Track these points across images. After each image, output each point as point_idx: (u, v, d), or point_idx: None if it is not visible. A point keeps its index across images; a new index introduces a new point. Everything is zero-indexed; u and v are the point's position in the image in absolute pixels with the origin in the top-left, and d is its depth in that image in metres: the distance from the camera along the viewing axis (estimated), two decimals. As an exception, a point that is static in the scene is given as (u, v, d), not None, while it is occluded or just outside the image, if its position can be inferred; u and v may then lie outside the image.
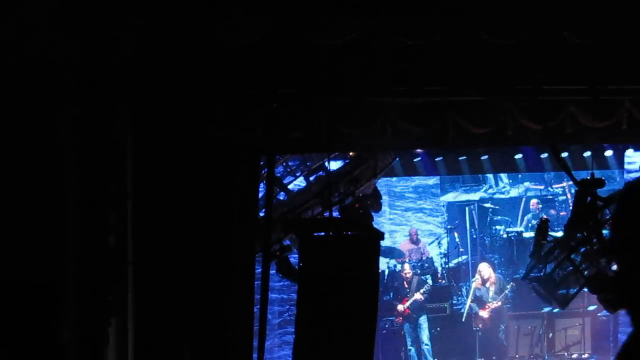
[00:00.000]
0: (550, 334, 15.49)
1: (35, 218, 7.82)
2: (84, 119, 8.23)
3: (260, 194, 10.46)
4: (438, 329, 15.69)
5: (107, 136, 8.38)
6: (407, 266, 15.76)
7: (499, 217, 17.05)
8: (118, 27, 8.30)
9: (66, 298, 8.03)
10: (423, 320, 15.54)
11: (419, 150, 14.24)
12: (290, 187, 12.48)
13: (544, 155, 14.53)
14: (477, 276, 15.77)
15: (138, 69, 8.61)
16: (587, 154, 14.27)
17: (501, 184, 17.31)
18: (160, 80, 8.79)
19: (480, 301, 15.60)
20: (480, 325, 15.59)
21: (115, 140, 8.48)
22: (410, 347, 15.52)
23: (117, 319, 8.54)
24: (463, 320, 15.80)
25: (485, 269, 15.65)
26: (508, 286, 15.58)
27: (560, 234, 11.47)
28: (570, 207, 13.95)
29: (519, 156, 14.84)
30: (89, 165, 8.26)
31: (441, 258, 16.61)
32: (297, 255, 10.21)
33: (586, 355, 15.65)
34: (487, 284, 15.61)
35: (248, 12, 8.67)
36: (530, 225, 16.48)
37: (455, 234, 17.04)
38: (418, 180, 17.24)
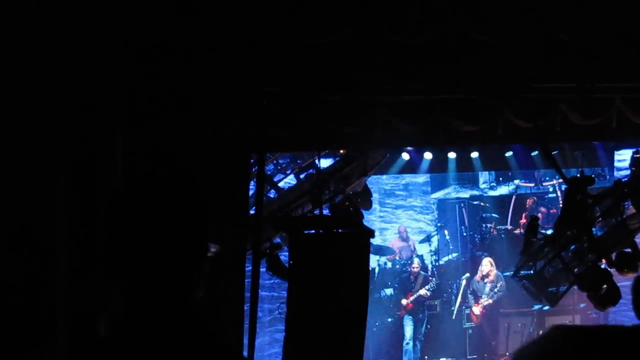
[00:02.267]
0: (541, 332, 15.50)
1: (24, 240, 7.75)
2: (75, 131, 8.18)
3: (251, 192, 10.45)
4: (429, 326, 15.74)
5: (95, 148, 8.30)
6: (416, 260, 15.85)
7: (489, 215, 17.08)
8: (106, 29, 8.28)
9: (56, 320, 7.96)
10: (424, 317, 15.63)
11: (409, 148, 14.26)
12: (280, 185, 12.48)
13: (534, 153, 14.58)
14: (478, 270, 15.80)
15: (128, 69, 8.58)
16: (577, 151, 14.33)
17: (491, 182, 17.34)
18: (148, 82, 8.77)
19: (475, 295, 15.67)
20: (471, 322, 15.65)
21: (103, 151, 8.42)
22: (408, 342, 15.56)
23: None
24: (453, 317, 15.84)
25: (487, 264, 15.69)
26: (498, 285, 15.60)
27: (550, 231, 11.49)
28: (561, 205, 13.98)
29: (509, 154, 14.89)
30: (78, 179, 8.18)
31: (431, 255, 16.64)
32: (287, 253, 10.21)
33: (576, 353, 15.67)
34: (486, 280, 15.66)
35: (236, 11, 8.66)
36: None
37: (446, 232, 17.07)
38: (408, 178, 17.26)
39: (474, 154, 14.73)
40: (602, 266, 10.74)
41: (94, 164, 8.31)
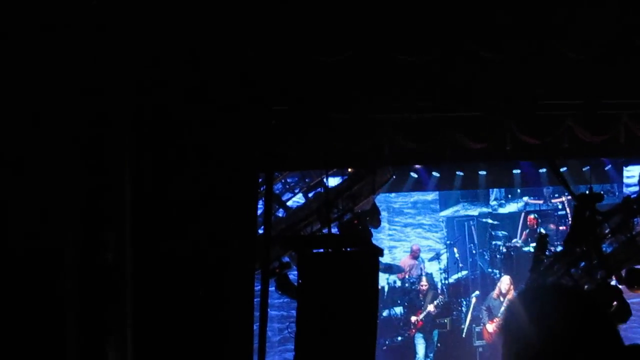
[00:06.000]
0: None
1: (32, 236, 7.81)
2: (83, 135, 8.24)
3: (259, 211, 10.45)
4: (438, 345, 15.68)
5: (104, 152, 8.38)
6: (424, 278, 15.83)
7: (498, 232, 17.05)
8: (116, 44, 8.33)
9: (64, 316, 8.01)
10: (435, 334, 15.59)
11: (417, 166, 14.26)
12: (289, 203, 12.47)
13: (543, 170, 14.57)
14: (496, 287, 15.76)
15: (136, 85, 8.62)
16: (586, 168, 14.32)
17: (500, 199, 17.31)
18: (158, 95, 8.80)
19: (490, 313, 15.61)
20: (482, 340, 15.61)
21: (113, 156, 8.48)
22: (421, 361, 15.59)
23: (116, 337, 8.52)
24: (463, 336, 15.79)
25: (506, 282, 15.63)
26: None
27: (559, 248, 11.46)
28: (570, 222, 13.95)
29: (517, 171, 14.88)
30: (86, 181, 8.26)
31: (441, 274, 16.60)
32: (296, 272, 10.20)
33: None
34: (503, 299, 15.62)
35: (244, 28, 8.69)
36: (528, 240, 16.50)
37: (455, 250, 17.03)
38: (417, 196, 17.25)
39: (482, 172, 14.73)
40: (612, 283, 10.69)
41: (102, 187, 8.36)
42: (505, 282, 15.63)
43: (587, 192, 11.04)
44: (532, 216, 16.83)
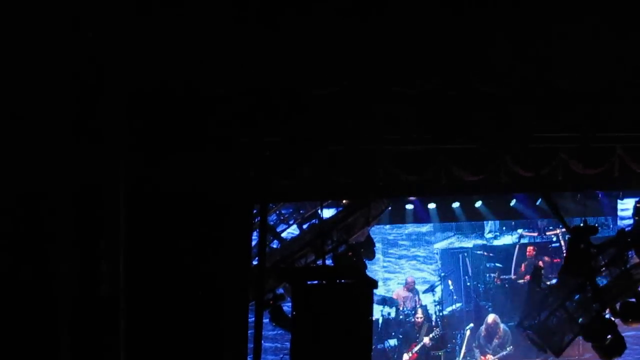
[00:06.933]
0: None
1: (26, 267, 7.80)
2: (78, 170, 8.25)
3: (254, 242, 10.43)
4: (432, 377, 15.63)
5: (99, 186, 8.37)
6: (420, 311, 15.79)
7: (493, 264, 17.02)
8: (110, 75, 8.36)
9: (59, 348, 7.98)
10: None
11: (412, 198, 14.27)
12: (283, 235, 12.46)
13: (538, 202, 14.58)
14: (483, 326, 15.74)
15: (130, 122, 8.64)
16: (580, 200, 14.32)
17: (495, 231, 17.30)
18: (151, 132, 8.81)
19: (482, 349, 15.58)
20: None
21: (107, 190, 8.47)
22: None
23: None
24: (458, 368, 15.76)
25: (493, 321, 15.62)
26: (508, 348, 15.48)
27: (554, 281, 11.46)
28: (564, 254, 13.95)
29: (512, 203, 14.89)
30: (81, 214, 8.25)
31: (435, 306, 16.54)
32: (290, 304, 10.17)
33: (582, 404, 15.58)
34: (494, 337, 15.58)
35: (237, 62, 8.73)
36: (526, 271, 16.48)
37: (449, 282, 16.99)
38: (411, 228, 17.22)
39: (477, 204, 14.74)
40: (607, 316, 10.67)
41: (95, 209, 8.36)
42: (491, 321, 15.66)
43: (582, 224, 11.05)
44: (531, 247, 16.83)
